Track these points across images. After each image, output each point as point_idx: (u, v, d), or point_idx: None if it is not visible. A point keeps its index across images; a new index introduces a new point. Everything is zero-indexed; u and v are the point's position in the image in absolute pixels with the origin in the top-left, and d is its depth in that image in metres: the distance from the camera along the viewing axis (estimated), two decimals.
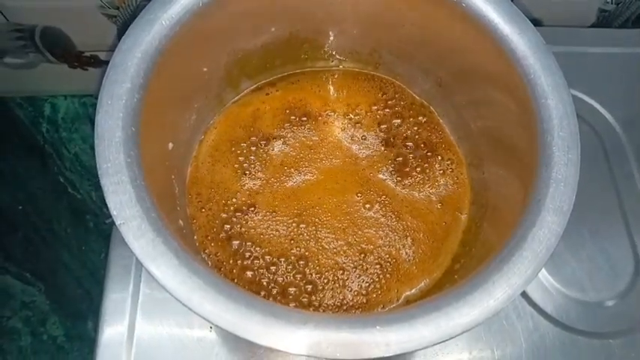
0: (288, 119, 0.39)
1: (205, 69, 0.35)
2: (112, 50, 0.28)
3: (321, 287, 0.34)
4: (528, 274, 0.25)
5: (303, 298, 0.33)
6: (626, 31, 0.49)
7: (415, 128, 0.39)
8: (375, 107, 0.40)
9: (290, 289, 0.33)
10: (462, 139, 0.38)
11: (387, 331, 0.22)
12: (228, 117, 0.39)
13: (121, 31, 0.45)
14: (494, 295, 0.24)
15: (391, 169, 0.38)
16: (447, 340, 0.23)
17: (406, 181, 0.37)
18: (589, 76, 0.45)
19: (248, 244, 0.34)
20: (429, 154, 0.38)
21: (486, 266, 0.25)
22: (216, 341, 0.35)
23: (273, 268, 0.34)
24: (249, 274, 0.34)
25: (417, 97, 0.40)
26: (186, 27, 0.30)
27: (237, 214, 0.35)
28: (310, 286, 0.34)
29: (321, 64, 0.41)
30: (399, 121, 0.39)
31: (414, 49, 0.38)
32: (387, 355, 0.22)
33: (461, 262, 0.33)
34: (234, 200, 0.36)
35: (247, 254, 0.34)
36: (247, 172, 0.37)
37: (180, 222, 0.32)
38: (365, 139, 0.39)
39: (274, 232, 0.35)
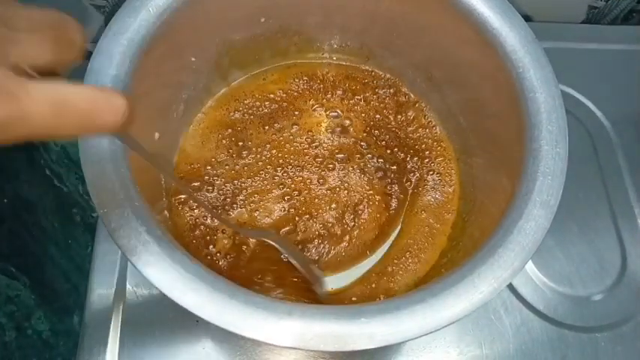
0: (274, 110, 0.38)
1: (194, 59, 0.34)
2: None
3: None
4: (514, 266, 0.24)
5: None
6: (615, 27, 0.49)
7: (407, 123, 0.39)
8: (367, 100, 0.40)
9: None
10: (452, 133, 0.38)
11: (371, 323, 0.22)
12: (216, 106, 0.38)
13: (109, 22, 0.44)
14: (480, 287, 0.24)
15: (380, 164, 0.37)
16: (432, 333, 0.23)
17: (396, 179, 0.37)
18: (579, 73, 0.45)
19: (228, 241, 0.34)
20: (420, 150, 0.38)
21: (472, 259, 0.25)
22: (203, 334, 0.35)
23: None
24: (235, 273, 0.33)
25: (408, 92, 0.40)
26: (174, 15, 0.30)
27: (220, 209, 0.35)
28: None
29: (311, 56, 0.40)
30: (391, 114, 0.39)
31: (404, 43, 0.37)
32: (372, 347, 0.22)
33: (448, 256, 0.33)
34: (216, 194, 0.35)
35: (230, 252, 0.34)
36: (230, 163, 0.36)
37: (166, 213, 0.32)
38: (355, 132, 0.38)
39: (259, 225, 0.35)
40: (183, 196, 0.35)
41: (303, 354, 0.35)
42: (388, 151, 0.38)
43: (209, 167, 0.36)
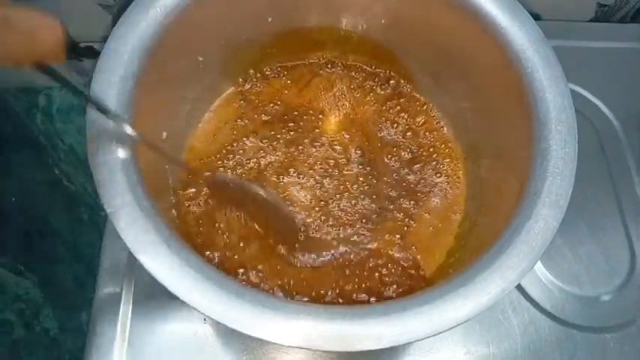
0: (279, 111, 0.38)
1: (201, 58, 0.34)
2: None
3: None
4: (523, 267, 0.24)
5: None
6: (625, 25, 0.49)
7: (414, 125, 0.39)
8: (374, 101, 0.39)
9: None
10: (459, 134, 0.38)
11: (378, 324, 0.22)
12: (224, 105, 0.38)
13: (117, 21, 0.44)
14: (488, 288, 0.24)
15: (388, 165, 0.37)
16: (439, 334, 0.23)
17: (404, 178, 0.37)
18: (587, 71, 0.45)
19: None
20: (427, 151, 0.38)
21: (480, 259, 0.25)
22: (210, 333, 0.35)
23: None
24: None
25: (415, 92, 0.40)
26: (181, 15, 0.30)
27: (226, 211, 0.35)
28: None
29: (319, 55, 0.40)
30: (403, 115, 0.39)
31: (412, 42, 0.37)
32: (378, 347, 0.22)
33: (455, 255, 0.33)
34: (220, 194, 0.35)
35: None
36: (239, 166, 0.36)
37: (174, 212, 0.32)
38: (360, 134, 0.38)
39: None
40: (191, 192, 0.35)
41: (309, 354, 0.35)
42: (397, 153, 0.37)
43: (221, 161, 0.36)
